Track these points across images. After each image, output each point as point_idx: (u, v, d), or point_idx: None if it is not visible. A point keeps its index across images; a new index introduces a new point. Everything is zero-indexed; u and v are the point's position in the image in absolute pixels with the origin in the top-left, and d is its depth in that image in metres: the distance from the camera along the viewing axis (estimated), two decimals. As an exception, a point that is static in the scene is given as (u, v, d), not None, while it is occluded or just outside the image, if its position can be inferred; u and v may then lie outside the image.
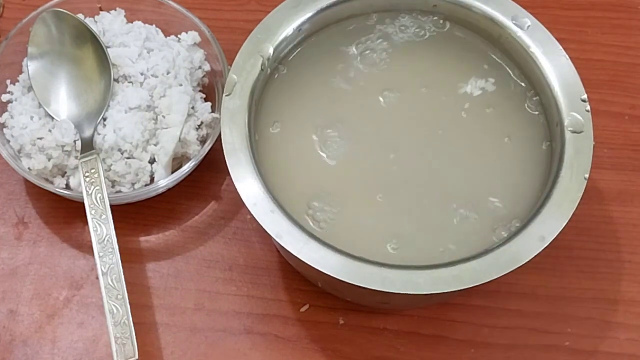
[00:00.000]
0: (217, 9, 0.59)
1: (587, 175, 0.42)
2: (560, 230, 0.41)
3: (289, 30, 0.46)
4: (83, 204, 0.46)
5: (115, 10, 0.53)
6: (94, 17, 0.52)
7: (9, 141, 0.49)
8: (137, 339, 0.43)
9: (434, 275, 0.38)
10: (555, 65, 0.45)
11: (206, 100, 0.51)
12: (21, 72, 0.51)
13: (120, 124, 0.48)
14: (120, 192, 0.48)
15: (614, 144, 0.53)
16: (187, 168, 0.48)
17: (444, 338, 0.48)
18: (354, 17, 0.49)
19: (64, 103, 0.50)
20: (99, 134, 0.48)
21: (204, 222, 0.51)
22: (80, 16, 0.51)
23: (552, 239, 0.40)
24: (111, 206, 0.46)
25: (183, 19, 0.52)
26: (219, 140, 0.43)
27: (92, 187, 0.46)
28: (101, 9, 0.53)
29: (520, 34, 0.46)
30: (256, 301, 0.49)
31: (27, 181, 0.51)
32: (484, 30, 0.48)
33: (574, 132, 0.43)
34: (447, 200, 0.43)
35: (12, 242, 0.50)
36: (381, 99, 0.46)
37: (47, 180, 0.48)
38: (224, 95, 0.43)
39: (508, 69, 0.48)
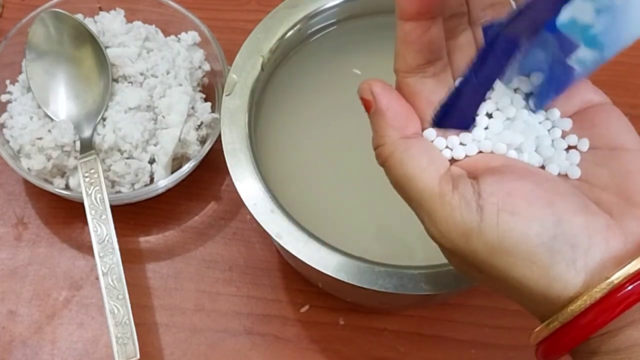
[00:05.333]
0: (217, 9, 0.59)
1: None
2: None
3: (288, 30, 0.46)
4: (82, 204, 0.46)
5: (115, 10, 0.53)
6: (93, 17, 0.52)
7: (8, 141, 0.49)
8: (137, 339, 0.43)
9: (434, 275, 0.38)
10: (556, 65, 0.45)
11: (206, 100, 0.51)
12: (20, 72, 0.51)
13: (120, 124, 0.48)
14: (119, 192, 0.48)
15: (614, 144, 0.53)
16: (186, 168, 0.48)
17: (445, 338, 0.48)
18: (353, 18, 0.48)
19: (63, 103, 0.49)
20: (98, 134, 0.48)
21: (204, 222, 0.51)
22: (80, 16, 0.51)
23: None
24: (111, 206, 0.46)
25: (182, 18, 0.52)
26: (218, 140, 0.43)
27: (92, 187, 0.46)
28: (100, 9, 0.53)
29: (521, 33, 0.46)
30: (256, 301, 0.49)
31: (26, 181, 0.51)
32: (484, 30, 0.48)
33: (574, 132, 0.43)
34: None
35: (12, 242, 0.50)
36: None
37: (46, 180, 0.48)
38: (224, 95, 0.43)
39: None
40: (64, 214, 0.51)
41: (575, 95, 0.31)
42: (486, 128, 0.30)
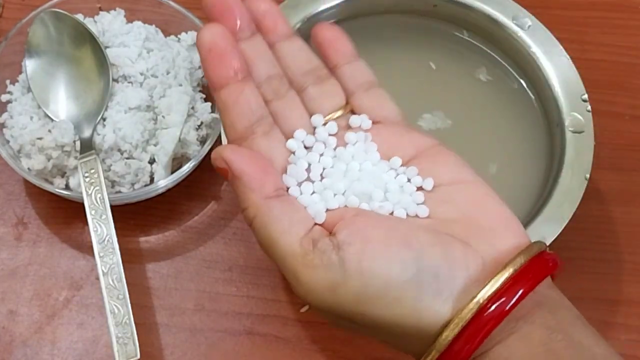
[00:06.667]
0: (217, 9, 0.59)
1: (587, 175, 0.42)
2: (560, 231, 0.41)
3: (288, 30, 0.46)
4: (82, 204, 0.46)
5: (115, 10, 0.53)
6: (93, 17, 0.52)
7: (8, 141, 0.49)
8: (137, 339, 0.43)
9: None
10: (556, 65, 0.45)
11: (206, 100, 0.51)
12: (21, 72, 0.51)
13: (120, 124, 0.48)
14: (119, 192, 0.48)
15: (614, 144, 0.53)
16: (186, 168, 0.48)
17: (444, 338, 0.48)
18: (353, 18, 0.49)
19: (63, 103, 0.49)
20: (99, 134, 0.48)
21: (204, 222, 0.51)
22: (80, 16, 0.51)
23: (552, 239, 0.40)
24: (111, 206, 0.46)
25: (182, 18, 0.52)
26: (218, 140, 0.43)
27: (92, 187, 0.46)
28: (100, 9, 0.53)
29: (521, 33, 0.46)
30: (256, 301, 0.49)
31: (26, 181, 0.51)
32: (484, 30, 0.48)
33: (574, 132, 0.43)
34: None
35: (12, 242, 0.50)
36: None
37: (46, 180, 0.48)
38: (224, 95, 0.43)
39: (509, 68, 0.48)
40: (64, 214, 0.51)
41: (407, 143, 0.32)
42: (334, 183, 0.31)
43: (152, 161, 0.49)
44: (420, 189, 0.31)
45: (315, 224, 0.30)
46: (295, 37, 0.34)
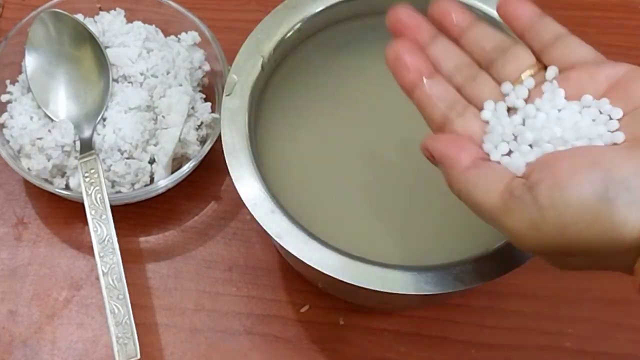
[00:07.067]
0: (217, 9, 0.59)
1: (588, 175, 0.42)
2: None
3: (288, 30, 0.46)
4: (82, 204, 0.46)
5: (115, 10, 0.53)
6: (93, 17, 0.52)
7: (8, 141, 0.49)
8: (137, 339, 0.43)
9: (434, 275, 0.38)
10: (556, 65, 0.45)
11: (206, 100, 0.51)
12: (20, 72, 0.51)
13: (120, 124, 0.48)
14: (119, 192, 0.48)
15: (614, 144, 0.53)
16: (186, 168, 0.48)
17: (445, 338, 0.48)
18: (353, 18, 0.48)
19: (63, 103, 0.49)
20: (99, 134, 0.48)
21: (204, 222, 0.51)
22: (80, 16, 0.51)
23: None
24: (111, 206, 0.46)
25: (183, 18, 0.52)
26: (218, 140, 0.43)
27: (92, 187, 0.46)
28: (100, 9, 0.53)
29: (521, 33, 0.46)
30: (256, 301, 0.49)
31: (26, 181, 0.51)
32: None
33: (574, 132, 0.43)
34: (446, 200, 0.43)
35: (12, 242, 0.50)
36: (379, 99, 0.46)
37: (46, 180, 0.48)
38: (224, 95, 0.43)
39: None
40: (64, 214, 0.51)
41: (598, 78, 0.33)
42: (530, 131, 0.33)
43: (152, 161, 0.49)
44: (613, 118, 0.32)
45: (515, 178, 0.31)
46: (476, 22, 0.37)
